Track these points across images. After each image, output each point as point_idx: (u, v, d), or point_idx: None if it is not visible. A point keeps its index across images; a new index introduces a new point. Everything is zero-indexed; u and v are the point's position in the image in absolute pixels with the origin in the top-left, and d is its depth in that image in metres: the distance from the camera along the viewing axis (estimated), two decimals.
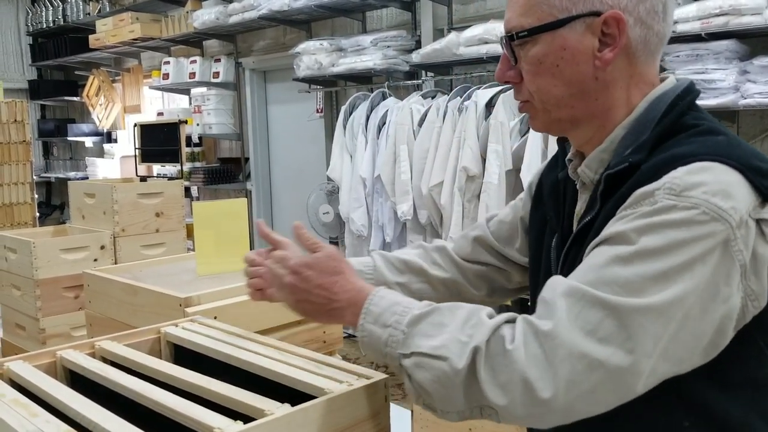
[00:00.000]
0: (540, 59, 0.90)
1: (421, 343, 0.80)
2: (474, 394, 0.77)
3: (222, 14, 5.39)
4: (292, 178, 5.92)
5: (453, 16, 4.49)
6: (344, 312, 0.90)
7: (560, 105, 0.91)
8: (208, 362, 1.09)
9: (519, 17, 0.91)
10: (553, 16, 0.88)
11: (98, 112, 7.60)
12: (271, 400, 0.87)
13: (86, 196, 3.19)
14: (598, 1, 0.87)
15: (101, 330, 1.61)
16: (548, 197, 1.04)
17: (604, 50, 0.88)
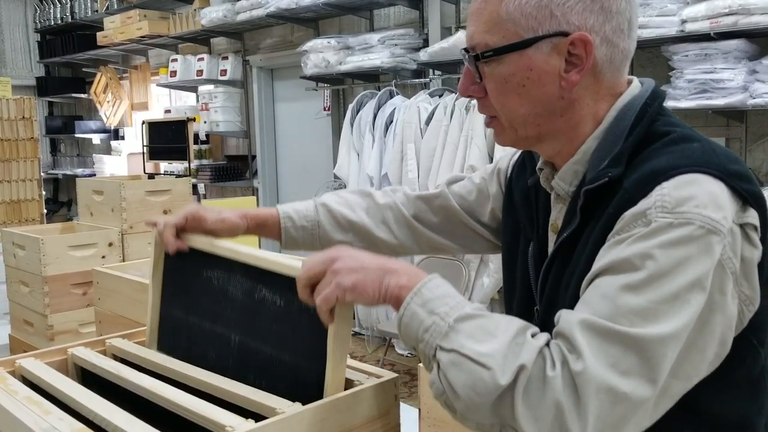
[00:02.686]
0: (506, 78, 0.88)
1: (465, 344, 0.77)
2: (504, 411, 0.74)
3: (230, 12, 5.40)
4: (299, 176, 5.92)
5: (461, 15, 4.48)
6: (398, 280, 0.84)
7: (526, 123, 0.90)
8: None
9: (483, 34, 0.88)
10: (519, 35, 0.86)
11: (105, 109, 7.63)
12: (282, 399, 0.88)
13: (94, 194, 3.21)
14: (565, 22, 0.85)
15: (110, 327, 1.62)
16: (520, 203, 1.03)
17: (571, 71, 0.87)
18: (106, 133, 7.98)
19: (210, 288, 1.06)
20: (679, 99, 3.29)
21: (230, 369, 1.01)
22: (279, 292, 0.96)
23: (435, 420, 1.75)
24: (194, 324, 1.09)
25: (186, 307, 1.11)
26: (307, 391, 0.90)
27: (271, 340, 0.98)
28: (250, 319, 1.01)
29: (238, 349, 1.02)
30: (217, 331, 1.05)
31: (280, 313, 0.96)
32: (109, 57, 7.52)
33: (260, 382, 0.97)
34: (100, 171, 7.54)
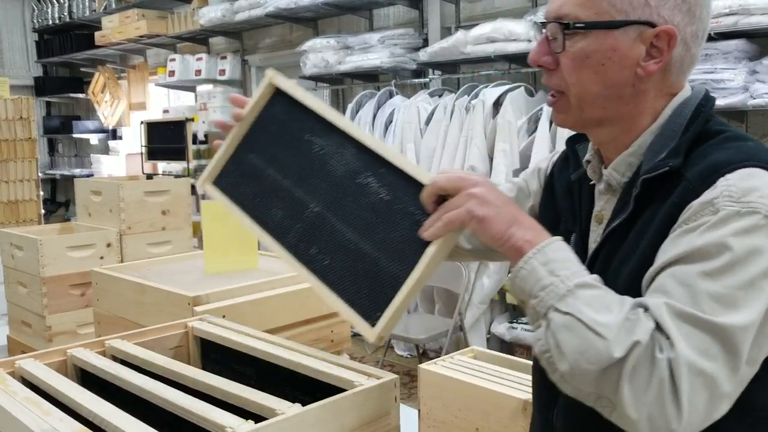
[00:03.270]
0: (588, 54, 0.90)
1: (583, 310, 0.79)
2: (607, 383, 0.77)
3: (228, 11, 5.39)
4: None
5: (460, 15, 4.48)
6: (522, 236, 0.85)
7: (595, 104, 0.92)
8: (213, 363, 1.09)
9: (575, 6, 0.90)
10: (611, 15, 0.89)
11: (104, 109, 7.61)
12: (282, 400, 0.87)
13: (93, 194, 3.20)
14: (656, 13, 0.88)
15: (109, 328, 1.62)
16: (562, 196, 1.06)
17: (649, 61, 0.90)
18: (104, 133, 7.96)
19: (307, 152, 1.03)
20: None
21: (293, 233, 1.00)
22: (388, 188, 0.94)
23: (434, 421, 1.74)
24: (269, 177, 1.06)
25: (267, 159, 1.07)
26: (373, 288, 0.91)
27: (357, 226, 0.95)
28: (340, 198, 0.98)
29: (313, 219, 0.99)
30: (295, 194, 1.02)
31: (380, 207, 0.94)
32: (107, 57, 7.51)
33: (323, 258, 0.97)
34: (98, 171, 7.53)
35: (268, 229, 1.03)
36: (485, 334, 4.13)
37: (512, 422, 1.56)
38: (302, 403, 0.86)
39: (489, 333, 4.14)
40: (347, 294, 0.94)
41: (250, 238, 1.71)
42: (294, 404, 0.86)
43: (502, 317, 4.15)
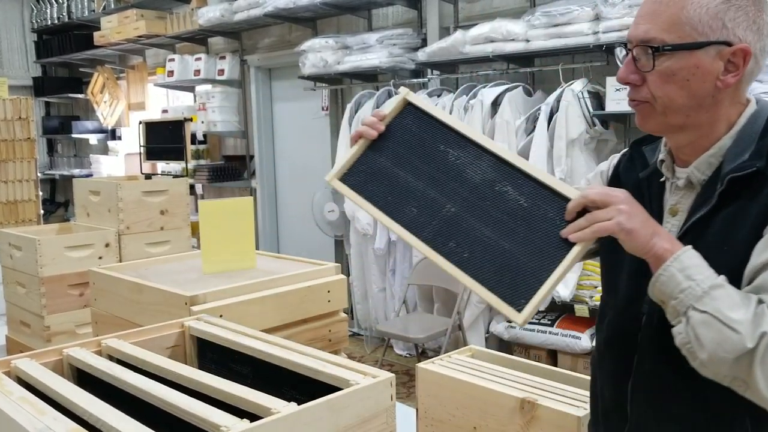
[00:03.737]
0: (674, 71, 1.04)
1: (718, 307, 0.95)
2: (741, 368, 0.93)
3: (227, 11, 5.39)
4: (297, 176, 5.92)
5: (459, 15, 4.48)
6: (662, 246, 1.00)
7: (679, 112, 1.06)
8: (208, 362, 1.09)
9: (661, 32, 1.04)
10: (693, 38, 1.03)
11: (103, 109, 7.61)
12: (277, 399, 0.87)
13: (91, 194, 3.20)
14: (732, 34, 1.03)
15: (107, 328, 1.62)
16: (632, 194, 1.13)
17: (727, 75, 1.04)
18: (104, 134, 7.96)
19: (441, 160, 1.18)
20: None
21: (429, 228, 1.14)
22: (527, 196, 1.10)
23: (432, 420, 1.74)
24: (402, 178, 1.19)
25: (399, 162, 1.20)
26: (515, 279, 1.06)
27: (496, 226, 1.10)
28: (478, 202, 1.13)
29: (449, 219, 1.14)
30: (430, 195, 1.16)
31: (519, 212, 1.10)
32: (106, 57, 7.50)
33: (461, 251, 1.10)
34: (97, 171, 7.52)
35: (403, 224, 1.16)
36: (484, 333, 4.13)
37: (509, 421, 1.56)
38: (299, 402, 0.86)
39: (488, 332, 4.14)
40: (488, 282, 1.08)
41: (248, 237, 1.71)
42: (289, 403, 0.86)
43: (500, 316, 4.15)
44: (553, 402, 1.52)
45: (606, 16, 3.46)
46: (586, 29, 3.55)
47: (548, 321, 3.85)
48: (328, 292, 1.63)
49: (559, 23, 3.62)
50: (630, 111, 3.68)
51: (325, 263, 1.71)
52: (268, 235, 6.14)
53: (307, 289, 1.58)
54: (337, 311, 1.66)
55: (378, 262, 4.60)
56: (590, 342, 3.63)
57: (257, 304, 1.46)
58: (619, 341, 1.15)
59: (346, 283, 1.68)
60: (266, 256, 1.89)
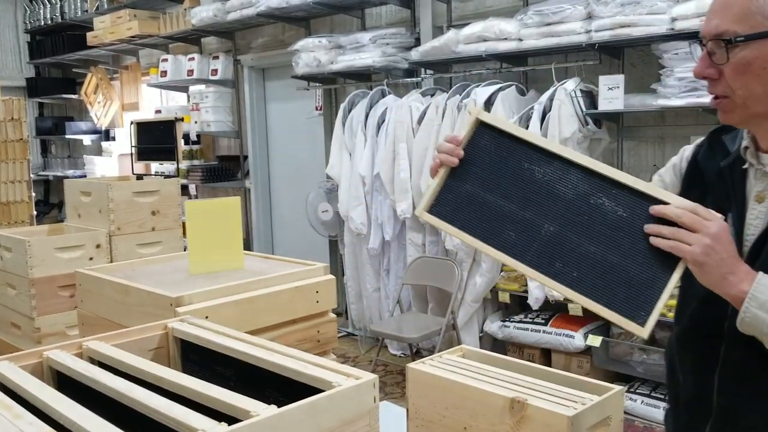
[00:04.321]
0: (749, 61, 1.05)
1: None
2: None
3: (220, 11, 5.37)
4: (291, 176, 5.90)
5: (452, 14, 4.47)
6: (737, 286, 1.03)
7: (759, 101, 1.08)
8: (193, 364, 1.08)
9: (732, 24, 1.05)
10: (765, 26, 1.04)
11: (96, 109, 7.59)
12: (257, 401, 0.86)
13: (82, 195, 3.18)
14: None
15: (93, 330, 1.60)
16: (714, 181, 1.20)
17: None
18: (97, 134, 7.93)
19: (529, 179, 1.16)
20: (669, 97, 3.28)
21: (531, 251, 1.14)
22: (624, 206, 1.09)
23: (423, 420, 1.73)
24: (491, 203, 1.18)
25: (484, 187, 1.19)
26: (630, 292, 1.06)
27: (599, 241, 1.10)
28: (575, 217, 1.12)
29: (550, 239, 1.13)
30: (525, 216, 1.15)
31: (620, 223, 1.09)
32: (99, 57, 7.48)
33: (570, 270, 1.11)
34: (91, 172, 7.50)
35: (504, 250, 1.16)
36: (478, 332, 4.13)
37: (500, 421, 1.55)
38: (281, 404, 0.85)
39: (482, 331, 4.13)
40: (604, 299, 1.08)
41: (236, 238, 1.70)
42: (269, 406, 0.84)
43: (494, 316, 4.14)
44: (543, 402, 1.50)
45: (598, 15, 3.46)
46: (578, 28, 3.54)
47: (542, 320, 3.84)
48: (317, 293, 1.61)
49: (552, 22, 3.61)
50: (622, 110, 3.68)
51: (314, 263, 1.69)
52: (262, 236, 6.12)
53: (295, 289, 1.56)
54: (326, 312, 1.65)
55: (372, 262, 4.59)
56: (583, 341, 3.62)
57: (244, 305, 1.45)
58: (703, 331, 1.17)
59: (335, 284, 1.67)
60: (254, 257, 1.88)
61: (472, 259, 4.04)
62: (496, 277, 4.00)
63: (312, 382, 0.93)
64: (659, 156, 3.78)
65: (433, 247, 4.28)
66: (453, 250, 4.07)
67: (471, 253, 4.02)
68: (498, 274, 4.00)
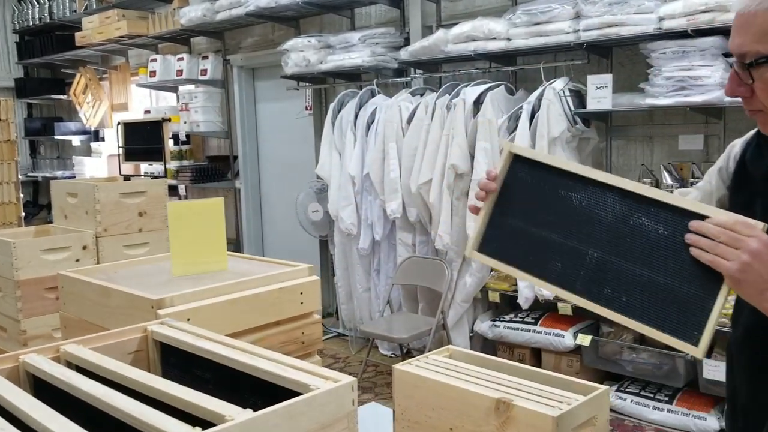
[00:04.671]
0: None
1: None
2: None
3: (209, 11, 5.35)
4: (281, 176, 5.88)
5: (442, 14, 4.47)
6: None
7: None
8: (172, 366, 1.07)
9: (754, 44, 1.04)
10: None
11: (85, 110, 7.55)
12: (233, 406, 0.85)
13: (68, 196, 3.16)
14: None
15: (75, 332, 1.59)
16: (761, 180, 1.18)
17: None
18: (86, 135, 7.89)
19: (568, 207, 1.16)
20: (657, 96, 3.29)
21: (580, 280, 1.14)
22: (664, 223, 1.08)
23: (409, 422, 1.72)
24: (535, 234, 1.19)
25: (526, 219, 1.20)
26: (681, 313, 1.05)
27: (644, 262, 1.08)
28: (617, 240, 1.11)
29: (596, 265, 1.13)
30: (569, 244, 1.15)
31: (662, 242, 1.08)
32: (88, 57, 7.44)
33: (619, 295, 1.10)
34: (80, 173, 7.46)
35: (553, 282, 1.16)
36: (468, 332, 4.12)
37: (485, 421, 1.54)
38: (260, 408, 0.84)
39: (472, 331, 4.12)
40: (656, 322, 1.08)
41: (219, 239, 1.69)
42: (245, 410, 0.83)
43: (485, 315, 4.14)
44: (529, 402, 1.50)
45: (586, 15, 3.46)
46: (566, 27, 3.54)
47: (532, 319, 3.84)
48: (301, 294, 1.60)
49: (540, 22, 3.61)
50: (610, 109, 3.67)
51: (298, 264, 1.68)
52: (253, 236, 6.10)
53: (279, 290, 1.55)
54: (311, 313, 1.64)
55: (362, 262, 4.58)
56: (573, 340, 3.63)
57: (227, 306, 1.44)
58: (756, 337, 1.17)
59: (320, 285, 1.66)
60: (238, 258, 1.87)
61: (462, 258, 4.04)
62: (486, 277, 3.99)
63: (290, 386, 0.92)
64: (648, 155, 3.79)
65: (423, 247, 4.27)
66: (443, 250, 4.07)
67: (461, 252, 4.02)
68: (488, 274, 4.00)
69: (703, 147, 3.58)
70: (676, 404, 3.32)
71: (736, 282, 1.02)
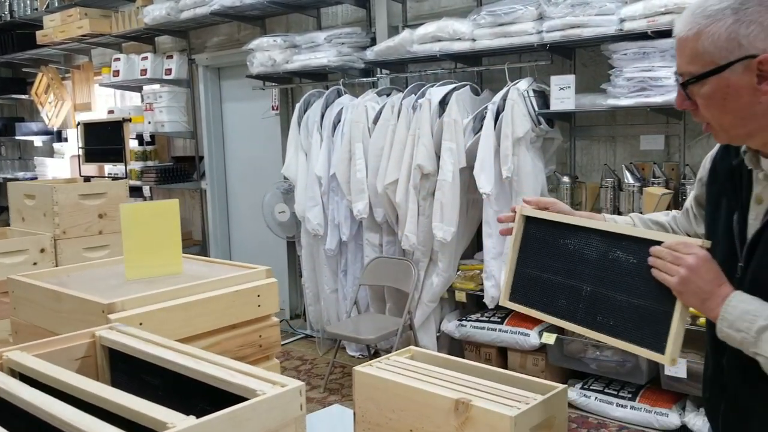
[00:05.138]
0: (709, 96, 1.15)
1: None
2: None
3: (173, 10, 5.28)
4: (248, 177, 5.83)
5: (408, 14, 4.47)
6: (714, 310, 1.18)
7: (735, 126, 1.18)
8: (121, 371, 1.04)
9: (687, 65, 1.16)
10: (715, 63, 1.13)
11: (47, 110, 7.40)
12: (175, 413, 0.83)
13: (26, 198, 3.09)
14: (752, 47, 1.10)
15: (27, 338, 1.54)
16: (725, 179, 1.31)
17: (763, 83, 1.12)
18: (49, 135, 7.74)
19: (566, 252, 1.40)
20: (618, 97, 3.32)
21: (579, 312, 1.35)
22: (633, 253, 1.28)
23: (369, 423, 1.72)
24: (547, 279, 1.43)
25: (540, 267, 1.45)
26: (652, 327, 1.23)
27: (623, 289, 1.28)
28: (602, 274, 1.33)
29: (589, 297, 1.34)
30: (569, 284, 1.38)
31: (633, 269, 1.27)
32: (50, 56, 7.29)
33: (607, 320, 1.30)
34: (42, 174, 7.31)
35: (560, 316, 1.40)
36: (435, 332, 4.13)
37: (445, 422, 1.54)
38: (208, 414, 0.82)
39: (439, 331, 4.13)
40: (636, 338, 1.26)
41: (174, 241, 1.66)
42: (188, 417, 0.82)
43: (451, 315, 4.15)
44: (487, 402, 1.50)
45: (549, 16, 3.49)
46: (530, 28, 3.56)
47: (498, 319, 3.86)
48: (258, 296, 1.58)
49: (504, 23, 3.63)
50: (573, 110, 3.70)
51: (256, 267, 1.66)
52: (219, 238, 6.04)
53: (234, 293, 1.53)
54: (269, 316, 1.62)
55: (329, 263, 4.56)
56: (538, 339, 3.65)
57: (180, 310, 1.41)
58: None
59: (278, 287, 1.64)
60: (195, 261, 1.84)
61: (429, 258, 4.04)
62: (453, 277, 4.00)
63: (236, 391, 0.91)
64: (611, 155, 3.83)
65: (390, 248, 4.27)
66: (410, 250, 4.07)
67: (427, 252, 4.02)
68: (455, 274, 4.01)
69: (664, 147, 3.63)
70: (639, 401, 3.37)
71: (680, 294, 1.17)
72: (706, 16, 1.13)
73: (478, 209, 3.90)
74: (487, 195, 3.63)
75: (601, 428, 3.39)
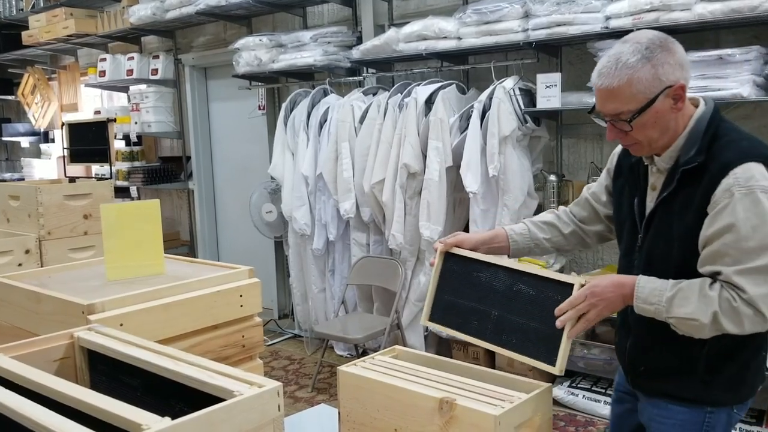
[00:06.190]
0: (645, 122, 1.49)
1: (678, 312, 1.44)
2: (717, 329, 1.44)
3: (159, 10, 5.25)
4: (235, 177, 5.82)
5: (393, 12, 4.46)
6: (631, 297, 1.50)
7: (658, 139, 1.53)
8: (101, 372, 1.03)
9: (625, 105, 1.48)
10: (647, 98, 1.47)
11: (34, 111, 7.35)
12: (151, 414, 0.82)
13: (11, 198, 3.07)
14: (669, 80, 1.47)
15: (7, 340, 1.53)
16: (628, 172, 1.68)
17: (677, 103, 1.50)
18: (36, 136, 7.69)
19: (478, 283, 1.70)
20: None
21: (488, 331, 1.65)
22: (532, 286, 1.61)
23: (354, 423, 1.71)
24: (462, 304, 1.72)
25: (456, 294, 1.74)
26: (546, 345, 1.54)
27: (523, 314, 1.60)
28: (508, 302, 1.64)
29: (497, 320, 1.65)
30: (480, 308, 1.68)
31: (532, 299, 1.60)
32: (36, 57, 7.24)
33: (511, 339, 1.61)
34: (29, 175, 7.27)
35: (472, 334, 1.69)
36: (423, 331, 4.13)
37: (429, 421, 1.54)
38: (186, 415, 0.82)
39: (427, 330, 4.13)
40: (533, 354, 1.57)
41: (155, 242, 1.65)
42: (163, 418, 0.81)
43: None
44: (471, 401, 1.50)
45: (535, 14, 3.49)
46: (516, 27, 3.57)
47: None
48: (241, 297, 1.58)
49: (490, 21, 3.63)
50: (559, 108, 3.69)
51: (238, 267, 1.65)
52: (207, 238, 6.02)
53: (216, 294, 1.52)
54: (251, 316, 1.61)
55: (317, 263, 4.55)
56: None
57: (161, 311, 1.40)
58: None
59: (260, 287, 1.63)
60: (177, 261, 1.83)
61: (416, 258, 4.04)
62: None
63: (213, 392, 0.90)
64: (597, 153, 3.84)
65: (377, 247, 4.26)
66: (397, 250, 4.07)
67: (414, 252, 4.02)
68: None
69: None
70: None
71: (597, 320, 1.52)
72: (629, 67, 1.45)
73: (465, 208, 3.91)
74: (474, 194, 3.64)
75: (589, 426, 3.40)
